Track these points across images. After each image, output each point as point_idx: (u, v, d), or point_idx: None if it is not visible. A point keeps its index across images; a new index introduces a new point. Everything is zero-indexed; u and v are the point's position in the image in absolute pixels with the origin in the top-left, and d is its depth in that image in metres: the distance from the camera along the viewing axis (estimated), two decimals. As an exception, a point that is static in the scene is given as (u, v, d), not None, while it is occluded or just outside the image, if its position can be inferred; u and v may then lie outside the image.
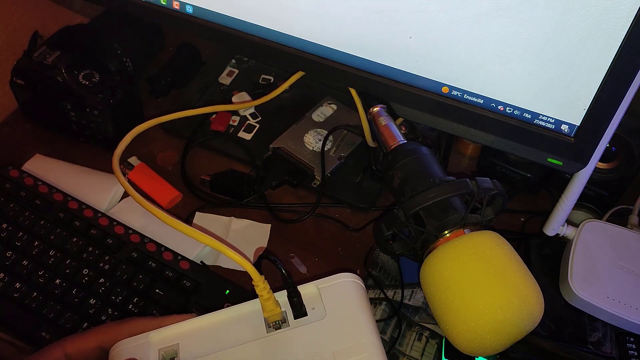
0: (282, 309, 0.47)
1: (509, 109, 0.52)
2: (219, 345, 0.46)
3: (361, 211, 0.69)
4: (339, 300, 0.47)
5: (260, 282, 0.46)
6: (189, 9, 0.59)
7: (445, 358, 0.56)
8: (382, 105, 0.58)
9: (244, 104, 0.75)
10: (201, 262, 0.62)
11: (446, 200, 0.49)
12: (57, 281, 0.57)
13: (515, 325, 0.43)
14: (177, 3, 0.60)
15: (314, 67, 0.57)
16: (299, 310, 0.47)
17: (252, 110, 0.76)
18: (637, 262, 0.58)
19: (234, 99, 0.76)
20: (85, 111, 0.68)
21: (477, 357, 0.54)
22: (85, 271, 0.58)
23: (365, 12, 0.51)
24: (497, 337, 0.44)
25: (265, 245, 0.65)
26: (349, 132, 0.72)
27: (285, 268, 0.47)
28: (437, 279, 0.46)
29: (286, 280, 0.47)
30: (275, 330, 0.46)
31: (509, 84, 0.50)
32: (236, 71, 0.81)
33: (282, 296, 0.47)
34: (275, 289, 0.48)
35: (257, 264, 0.48)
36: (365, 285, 0.62)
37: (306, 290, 0.48)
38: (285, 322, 0.47)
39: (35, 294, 0.56)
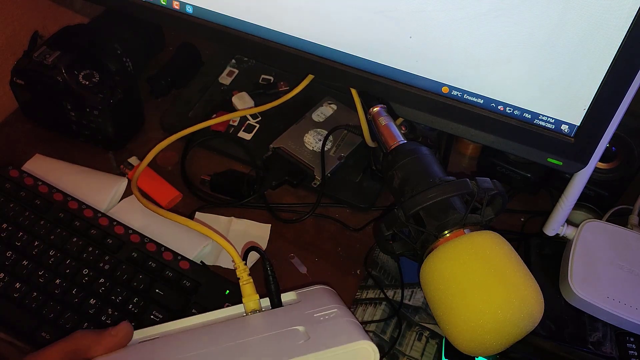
0: (261, 306, 0.50)
1: (509, 109, 0.52)
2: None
3: (361, 211, 0.69)
4: (313, 296, 0.51)
5: (240, 264, 0.51)
6: (189, 9, 0.59)
7: (445, 358, 0.56)
8: (382, 105, 0.58)
9: (251, 110, 0.75)
10: (201, 262, 0.62)
11: (446, 200, 0.49)
12: (57, 281, 0.57)
13: (515, 325, 0.43)
14: (177, 3, 0.60)
15: (314, 67, 0.57)
16: (276, 302, 0.50)
17: (252, 110, 0.76)
18: (637, 262, 0.58)
19: (234, 99, 0.76)
20: (85, 111, 0.68)
21: (477, 357, 0.54)
22: (85, 271, 0.58)
23: (365, 12, 0.51)
24: (497, 337, 0.44)
25: (265, 245, 0.65)
26: (349, 132, 0.72)
27: (268, 259, 0.51)
28: (437, 279, 0.46)
29: (266, 267, 0.51)
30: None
31: (509, 84, 0.50)
32: (236, 71, 0.81)
33: (264, 302, 0.51)
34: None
35: (244, 256, 0.52)
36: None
37: (286, 297, 0.51)
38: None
39: (35, 294, 0.56)
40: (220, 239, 0.56)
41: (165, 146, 0.71)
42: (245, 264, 0.52)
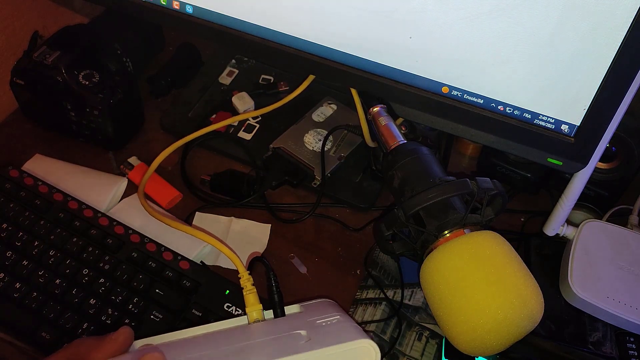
0: (265, 316, 0.50)
1: (509, 109, 0.52)
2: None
3: (361, 211, 0.69)
4: (316, 307, 0.51)
5: (244, 274, 0.52)
6: (189, 9, 0.59)
7: (445, 358, 0.56)
8: (382, 105, 0.58)
9: (252, 113, 0.74)
10: (201, 262, 0.62)
11: (446, 200, 0.49)
12: (57, 281, 0.57)
13: (515, 325, 0.43)
14: (177, 3, 0.60)
15: (314, 67, 0.57)
16: (279, 313, 0.51)
17: (252, 110, 0.76)
18: (637, 262, 0.58)
19: (234, 99, 0.76)
20: (85, 111, 0.68)
21: (477, 357, 0.54)
22: (85, 271, 0.58)
23: (365, 12, 0.51)
24: (497, 337, 0.44)
25: (265, 246, 0.65)
26: (349, 132, 0.72)
27: (272, 269, 0.52)
28: (437, 279, 0.46)
29: (270, 278, 0.52)
30: None
31: (509, 84, 0.50)
32: (236, 71, 0.81)
33: (268, 314, 0.51)
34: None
35: (250, 265, 0.54)
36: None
37: (289, 310, 0.52)
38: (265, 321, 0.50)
39: (35, 294, 0.56)
40: (225, 248, 0.56)
41: (172, 150, 0.70)
42: (250, 273, 0.52)
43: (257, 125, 0.75)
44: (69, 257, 0.59)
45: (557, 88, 0.49)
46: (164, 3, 0.60)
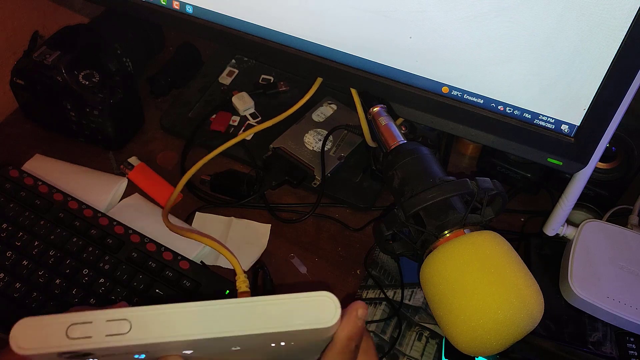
0: None
1: (509, 109, 0.52)
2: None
3: (361, 211, 0.69)
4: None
5: (241, 276, 0.53)
6: (189, 9, 0.59)
7: (445, 358, 0.56)
8: (382, 105, 0.58)
9: (258, 127, 0.74)
10: (201, 262, 0.62)
11: (446, 200, 0.49)
12: (57, 281, 0.57)
13: (515, 325, 0.43)
14: (177, 3, 0.60)
15: (314, 67, 0.57)
16: None
17: (252, 110, 0.76)
18: (637, 262, 0.58)
19: (234, 99, 0.76)
20: (85, 111, 0.68)
21: (477, 357, 0.54)
22: (85, 271, 0.58)
23: (365, 12, 0.51)
24: (497, 337, 0.44)
25: (265, 245, 0.65)
26: (349, 132, 0.72)
27: (270, 276, 0.53)
28: (437, 279, 0.46)
29: (265, 282, 0.53)
30: None
31: (509, 84, 0.50)
32: (236, 71, 0.81)
33: None
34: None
35: (251, 270, 0.54)
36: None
37: None
38: None
39: (35, 294, 0.56)
40: (225, 251, 0.56)
41: (201, 164, 0.70)
42: (248, 277, 0.52)
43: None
44: (69, 257, 0.59)
45: (557, 88, 0.49)
46: (164, 3, 0.60)
